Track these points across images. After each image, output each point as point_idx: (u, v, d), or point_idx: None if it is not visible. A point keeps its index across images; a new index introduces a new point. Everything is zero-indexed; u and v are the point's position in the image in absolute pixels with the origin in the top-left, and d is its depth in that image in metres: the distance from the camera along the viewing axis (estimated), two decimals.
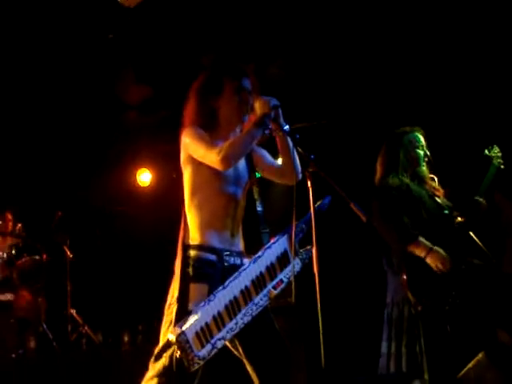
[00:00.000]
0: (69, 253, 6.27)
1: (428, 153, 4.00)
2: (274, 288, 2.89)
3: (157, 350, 2.90)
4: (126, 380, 4.89)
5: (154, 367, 2.89)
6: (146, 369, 2.96)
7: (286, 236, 2.96)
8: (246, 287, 2.82)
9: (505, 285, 4.01)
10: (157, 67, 6.02)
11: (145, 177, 7.32)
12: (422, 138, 4.02)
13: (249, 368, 2.95)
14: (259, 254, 2.92)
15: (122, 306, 6.85)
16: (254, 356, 2.93)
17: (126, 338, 5.96)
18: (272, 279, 2.89)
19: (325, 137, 5.70)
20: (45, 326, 5.69)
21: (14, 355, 5.22)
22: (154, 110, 6.72)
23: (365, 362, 4.63)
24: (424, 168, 3.99)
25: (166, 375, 2.83)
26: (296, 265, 2.93)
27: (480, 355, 3.78)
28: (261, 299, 2.85)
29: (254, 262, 2.88)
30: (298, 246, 2.97)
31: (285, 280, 2.91)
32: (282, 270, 2.92)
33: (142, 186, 7.34)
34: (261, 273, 2.87)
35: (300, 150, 2.92)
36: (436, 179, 4.08)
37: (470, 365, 3.75)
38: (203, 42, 5.30)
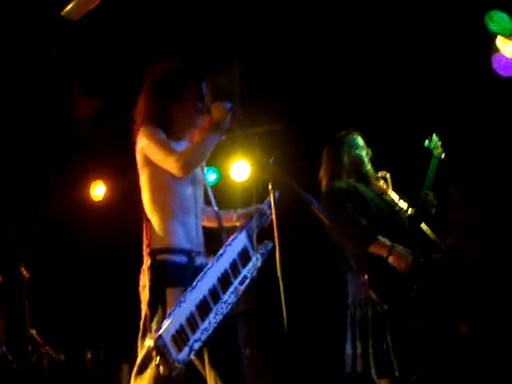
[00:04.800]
0: (25, 272, 6.13)
1: (369, 152, 4.02)
2: (240, 284, 2.87)
3: (137, 364, 2.79)
4: None
5: (140, 381, 2.77)
6: None
7: (244, 232, 2.96)
8: (213, 286, 2.78)
9: (461, 277, 4.07)
10: (104, 79, 5.95)
11: (99, 190, 7.23)
12: (360, 139, 4.04)
13: (212, 379, 2.86)
14: (221, 251, 2.88)
15: (83, 324, 6.75)
16: (220, 365, 2.86)
17: (88, 356, 5.87)
18: (236, 276, 2.88)
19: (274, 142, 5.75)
20: (4, 349, 5.56)
21: None
22: (105, 122, 6.65)
23: (329, 363, 4.65)
24: (369, 167, 4.00)
25: None
26: (256, 260, 2.94)
27: None
28: (229, 297, 2.82)
29: (217, 261, 2.85)
30: (256, 242, 2.96)
31: (248, 276, 2.90)
32: (244, 266, 2.91)
33: (95, 200, 7.25)
34: (225, 270, 2.85)
35: (259, 152, 2.95)
36: (388, 176, 4.12)
37: None
38: (150, 52, 5.28)
